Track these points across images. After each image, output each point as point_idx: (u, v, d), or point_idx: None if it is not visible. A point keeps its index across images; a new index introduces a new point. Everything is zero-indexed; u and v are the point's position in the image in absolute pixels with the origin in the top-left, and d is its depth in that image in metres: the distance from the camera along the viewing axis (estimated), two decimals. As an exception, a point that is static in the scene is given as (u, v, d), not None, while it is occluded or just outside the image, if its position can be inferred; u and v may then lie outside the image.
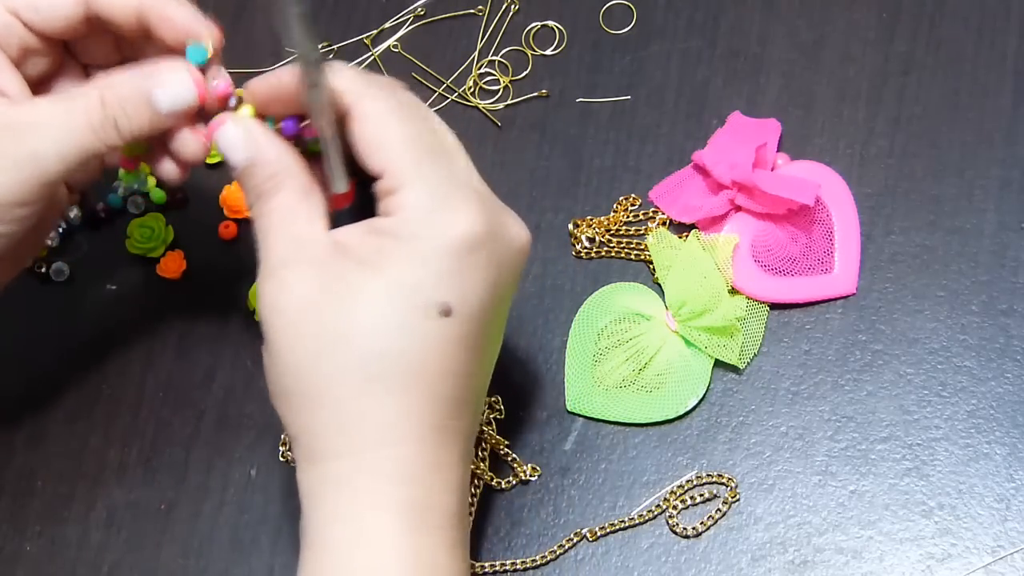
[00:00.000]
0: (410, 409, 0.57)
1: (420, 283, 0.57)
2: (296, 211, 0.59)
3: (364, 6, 0.81)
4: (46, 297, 0.75)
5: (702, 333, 0.71)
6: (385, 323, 0.57)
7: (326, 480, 0.58)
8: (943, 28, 0.78)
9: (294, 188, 0.59)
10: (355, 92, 0.59)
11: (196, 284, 0.75)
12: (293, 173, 0.60)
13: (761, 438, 0.70)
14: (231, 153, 0.60)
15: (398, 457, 0.58)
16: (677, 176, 0.75)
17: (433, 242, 0.57)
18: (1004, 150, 0.75)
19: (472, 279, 0.58)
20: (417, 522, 0.57)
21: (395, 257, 0.57)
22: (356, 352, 0.57)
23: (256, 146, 0.60)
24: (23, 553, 0.70)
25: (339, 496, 0.58)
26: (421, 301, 0.57)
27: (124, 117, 0.60)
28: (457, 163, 0.60)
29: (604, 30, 0.79)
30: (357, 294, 0.57)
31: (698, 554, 0.69)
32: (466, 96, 0.78)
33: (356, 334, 0.57)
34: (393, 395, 0.57)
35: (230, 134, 0.60)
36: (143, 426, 0.72)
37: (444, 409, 0.58)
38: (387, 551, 0.57)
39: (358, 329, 0.57)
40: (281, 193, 0.59)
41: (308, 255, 0.58)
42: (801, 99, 0.77)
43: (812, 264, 0.73)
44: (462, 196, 0.58)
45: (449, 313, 0.57)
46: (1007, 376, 0.71)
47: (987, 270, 0.73)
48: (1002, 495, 0.69)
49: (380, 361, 0.57)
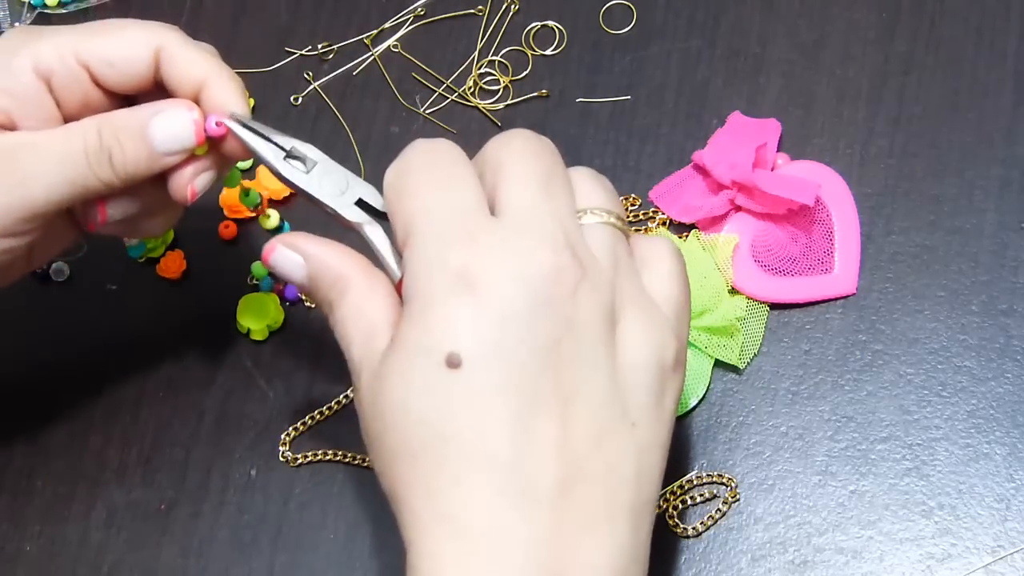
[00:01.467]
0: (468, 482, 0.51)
1: (420, 339, 0.52)
2: (366, 309, 0.56)
3: (364, 6, 0.81)
4: (46, 297, 0.75)
5: (702, 333, 0.71)
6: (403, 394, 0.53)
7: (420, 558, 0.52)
8: (943, 28, 0.78)
9: (360, 287, 0.56)
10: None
11: (196, 284, 0.75)
12: (356, 269, 0.57)
13: (761, 438, 0.70)
14: (292, 275, 0.58)
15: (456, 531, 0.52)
16: (677, 176, 0.75)
17: (425, 289, 0.53)
18: (1004, 150, 0.75)
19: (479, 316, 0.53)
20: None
21: (402, 321, 0.54)
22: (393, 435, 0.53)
23: (313, 260, 0.57)
24: (23, 553, 0.70)
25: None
26: (425, 360, 0.52)
27: (119, 149, 0.58)
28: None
29: (604, 30, 0.79)
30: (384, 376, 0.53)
31: (698, 554, 0.69)
32: (466, 96, 0.78)
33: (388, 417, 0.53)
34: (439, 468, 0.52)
35: (285, 257, 0.58)
36: (143, 426, 0.72)
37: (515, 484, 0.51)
38: None
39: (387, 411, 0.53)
40: (350, 294, 0.56)
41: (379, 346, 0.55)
42: (801, 99, 0.77)
43: (812, 264, 0.73)
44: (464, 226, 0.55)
45: (458, 363, 0.52)
46: (1007, 376, 0.71)
47: (987, 270, 0.73)
48: (1002, 495, 0.69)
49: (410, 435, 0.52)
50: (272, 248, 0.58)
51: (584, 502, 0.52)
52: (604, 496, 0.53)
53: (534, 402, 0.52)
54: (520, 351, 0.52)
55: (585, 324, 0.53)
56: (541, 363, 0.52)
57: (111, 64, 0.59)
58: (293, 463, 0.71)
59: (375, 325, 0.55)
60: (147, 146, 0.59)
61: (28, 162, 0.58)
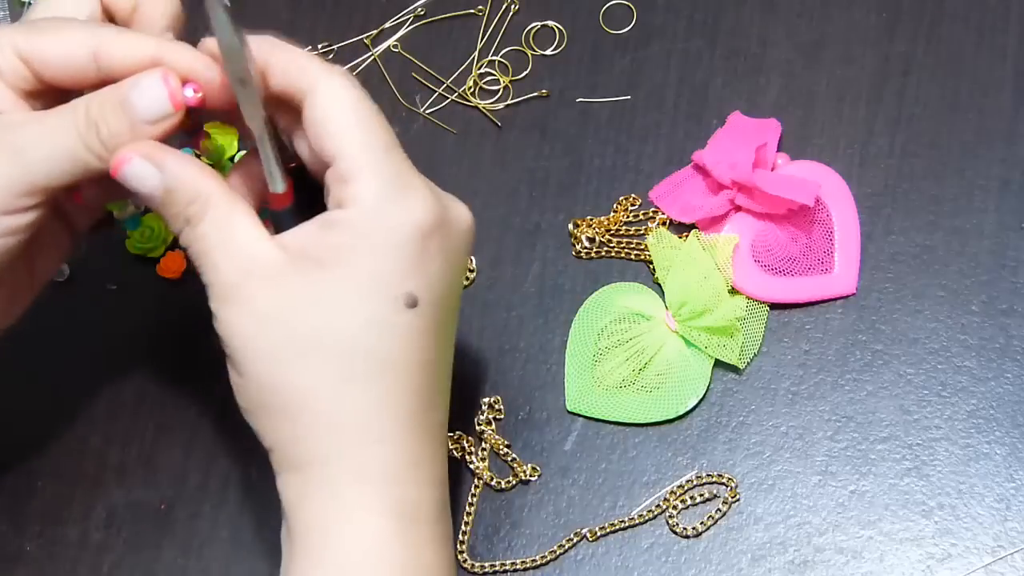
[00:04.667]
0: (388, 405, 0.57)
1: (385, 276, 0.57)
2: (232, 228, 0.57)
3: (364, 6, 0.81)
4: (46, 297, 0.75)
5: (702, 333, 0.71)
6: (356, 321, 0.56)
7: (309, 486, 0.58)
8: (943, 28, 0.78)
9: (222, 205, 0.58)
10: (313, 74, 0.58)
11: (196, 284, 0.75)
12: (216, 190, 0.58)
13: (761, 438, 0.70)
14: (142, 184, 0.58)
15: (380, 455, 0.57)
16: (677, 176, 0.75)
17: (391, 233, 0.57)
18: (1004, 150, 0.75)
19: (432, 266, 0.58)
20: (404, 522, 0.57)
21: (356, 252, 0.56)
22: (330, 355, 0.56)
23: (169, 172, 0.58)
24: (23, 553, 0.70)
25: (324, 501, 0.57)
26: (388, 294, 0.57)
27: (104, 122, 0.58)
28: (403, 155, 0.59)
29: (604, 30, 0.79)
30: (323, 296, 0.56)
31: (698, 554, 0.69)
32: (466, 96, 0.78)
33: (328, 337, 0.56)
34: (370, 393, 0.57)
35: (136, 166, 0.58)
36: (143, 426, 0.72)
37: (420, 402, 0.58)
38: (376, 553, 0.57)
39: (329, 331, 0.56)
40: (209, 213, 0.57)
41: (260, 268, 0.57)
42: (801, 99, 0.77)
43: (812, 264, 0.73)
44: (413, 185, 0.58)
45: (416, 303, 0.57)
46: (1007, 376, 0.71)
47: (987, 270, 0.73)
48: (1002, 495, 0.69)
49: (354, 360, 0.57)
50: (126, 158, 0.58)
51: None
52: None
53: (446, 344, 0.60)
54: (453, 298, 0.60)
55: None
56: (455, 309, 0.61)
57: (48, 63, 0.60)
58: (293, 463, 0.71)
59: (251, 242, 0.57)
60: (128, 116, 0.58)
61: (26, 136, 0.58)
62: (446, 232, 0.58)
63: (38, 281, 0.65)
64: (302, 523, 0.58)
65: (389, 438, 0.58)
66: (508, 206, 0.75)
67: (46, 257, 0.64)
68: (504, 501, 0.70)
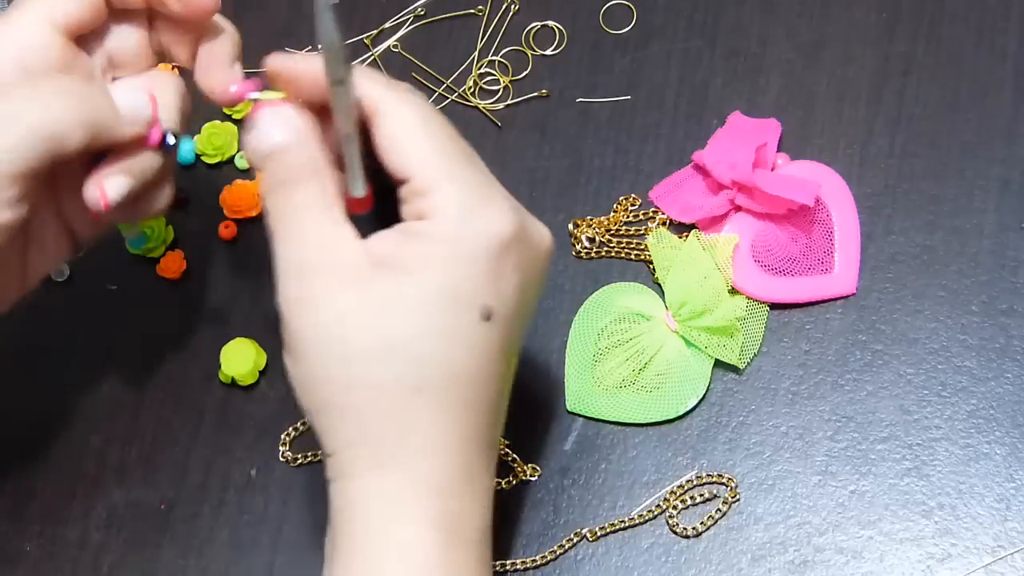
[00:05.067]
0: (452, 418, 0.57)
1: (461, 286, 0.56)
2: (328, 210, 0.57)
3: (364, 6, 0.81)
4: (46, 297, 0.75)
5: (702, 333, 0.71)
6: (430, 329, 0.56)
7: (365, 494, 0.57)
8: (943, 28, 0.78)
9: (323, 183, 0.57)
10: (379, 94, 0.57)
11: (196, 284, 0.75)
12: (327, 171, 0.58)
13: (761, 438, 0.70)
14: (272, 136, 0.58)
15: (439, 468, 0.57)
16: (677, 176, 0.75)
17: (471, 243, 0.56)
18: (1004, 150, 0.75)
19: (508, 281, 0.57)
20: (451, 536, 0.57)
21: (436, 260, 0.56)
22: (401, 362, 0.56)
23: (299, 133, 0.58)
24: (23, 553, 0.70)
25: (379, 510, 0.57)
26: (464, 305, 0.56)
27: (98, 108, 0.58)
28: (482, 166, 0.59)
29: (604, 30, 0.79)
30: (400, 302, 0.56)
31: (698, 554, 0.69)
32: (466, 96, 0.78)
33: (401, 343, 0.56)
34: (436, 403, 0.56)
35: (278, 115, 0.58)
36: (143, 426, 0.72)
37: (482, 417, 0.58)
38: (422, 566, 0.56)
39: (403, 337, 0.56)
40: (312, 186, 0.57)
41: (342, 262, 0.56)
42: (801, 99, 0.77)
43: (812, 264, 0.73)
44: (493, 197, 0.57)
45: (491, 316, 0.56)
46: (1007, 376, 0.71)
47: (987, 270, 0.73)
48: (1002, 495, 0.69)
49: (425, 368, 0.56)
50: (269, 105, 0.58)
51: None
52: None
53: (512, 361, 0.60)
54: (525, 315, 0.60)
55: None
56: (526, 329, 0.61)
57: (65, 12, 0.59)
58: (293, 463, 0.71)
59: (340, 233, 0.57)
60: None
61: (26, 99, 0.57)
62: (524, 249, 0.58)
63: (31, 279, 0.64)
64: (350, 530, 0.57)
65: (448, 451, 0.57)
66: (508, 206, 0.75)
67: (42, 257, 0.63)
68: (504, 501, 0.70)
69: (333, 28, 0.55)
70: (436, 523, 0.56)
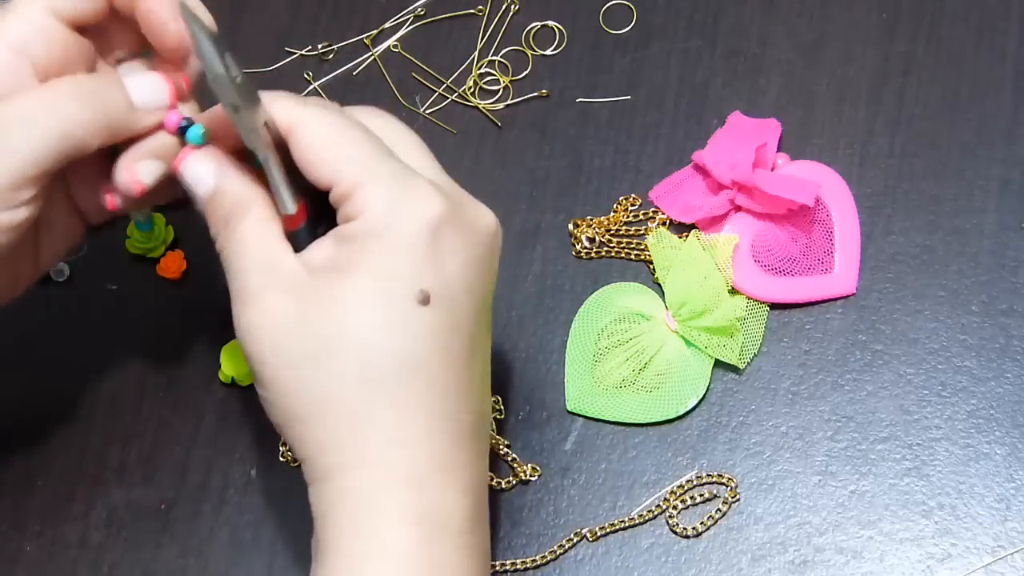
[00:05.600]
0: (411, 407, 0.57)
1: (397, 275, 0.57)
2: (265, 235, 0.59)
3: (364, 6, 0.81)
4: (46, 297, 0.75)
5: (702, 333, 0.71)
6: (372, 322, 0.57)
7: (339, 495, 0.57)
8: (943, 28, 0.78)
9: (260, 213, 0.59)
10: (290, 111, 0.59)
11: (196, 284, 0.75)
12: (257, 198, 0.60)
13: (761, 438, 0.70)
14: (199, 183, 0.60)
15: (408, 460, 0.57)
16: (677, 176, 0.75)
17: (399, 231, 0.57)
18: (1004, 150, 0.75)
19: (447, 262, 0.58)
20: (433, 529, 0.57)
21: (367, 256, 0.57)
22: (349, 358, 0.57)
23: (223, 173, 0.60)
24: (23, 553, 0.70)
25: (353, 510, 0.57)
26: (402, 293, 0.57)
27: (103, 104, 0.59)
28: (404, 156, 0.60)
29: (604, 30, 0.79)
30: (339, 302, 0.57)
31: (698, 554, 0.69)
32: (466, 96, 0.78)
33: (346, 341, 0.57)
34: (392, 395, 0.57)
35: (196, 163, 0.60)
36: (143, 426, 0.72)
37: (446, 404, 0.58)
38: (403, 563, 0.56)
39: (347, 335, 0.57)
40: (248, 218, 0.59)
41: (283, 279, 0.58)
42: (801, 99, 0.77)
43: (812, 264, 0.73)
44: (416, 184, 0.58)
45: (428, 300, 0.57)
46: (1007, 376, 0.71)
47: (987, 270, 0.73)
48: (1002, 495, 0.69)
49: (373, 361, 0.57)
50: (185, 155, 0.61)
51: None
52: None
53: (472, 344, 0.59)
54: (479, 296, 0.59)
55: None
56: (482, 311, 0.60)
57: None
58: (293, 463, 0.71)
59: (277, 253, 0.59)
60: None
61: (11, 120, 0.58)
62: (460, 229, 0.58)
63: (43, 263, 0.65)
64: (329, 532, 0.57)
65: (415, 441, 0.57)
66: (508, 206, 0.75)
67: (54, 242, 0.64)
68: (504, 501, 0.70)
69: (214, 56, 0.56)
70: (414, 517, 0.57)
